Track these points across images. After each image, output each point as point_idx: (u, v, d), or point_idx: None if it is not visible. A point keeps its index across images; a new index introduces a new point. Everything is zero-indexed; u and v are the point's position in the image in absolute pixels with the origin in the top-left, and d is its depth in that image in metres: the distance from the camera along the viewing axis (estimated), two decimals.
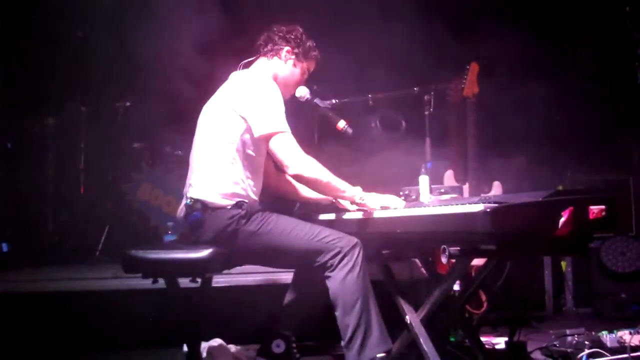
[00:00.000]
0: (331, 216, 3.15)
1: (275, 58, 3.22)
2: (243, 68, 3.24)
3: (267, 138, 2.94)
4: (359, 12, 5.44)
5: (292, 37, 3.23)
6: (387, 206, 2.95)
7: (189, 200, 2.99)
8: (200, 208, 2.94)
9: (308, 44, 3.26)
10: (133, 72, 5.58)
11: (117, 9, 5.26)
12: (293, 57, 3.22)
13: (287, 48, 3.21)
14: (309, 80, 3.38)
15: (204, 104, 3.18)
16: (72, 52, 5.66)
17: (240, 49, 3.40)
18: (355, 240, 2.89)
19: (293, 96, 3.32)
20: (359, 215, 3.01)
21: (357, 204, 3.00)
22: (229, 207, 2.92)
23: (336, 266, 2.84)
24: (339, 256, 2.84)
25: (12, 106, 5.45)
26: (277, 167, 3.17)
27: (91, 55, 5.58)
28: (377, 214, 2.93)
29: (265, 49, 3.24)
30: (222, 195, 2.94)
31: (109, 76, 5.64)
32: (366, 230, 2.95)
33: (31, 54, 5.59)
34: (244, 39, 3.54)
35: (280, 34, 3.23)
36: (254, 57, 3.27)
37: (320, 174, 2.94)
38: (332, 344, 3.63)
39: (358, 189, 3.00)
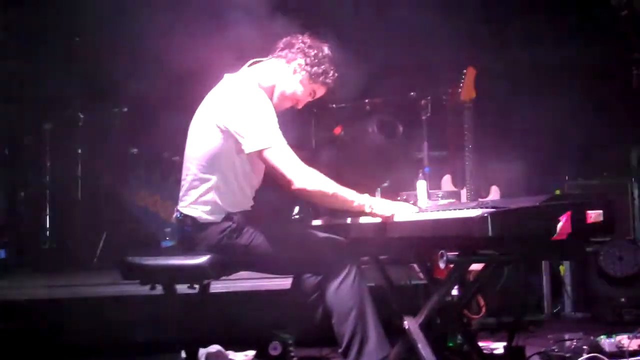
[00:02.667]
0: (327, 221, 3.13)
1: (286, 66, 2.96)
2: (251, 66, 3.02)
3: (260, 155, 2.75)
4: (355, 17, 5.44)
5: (313, 53, 2.94)
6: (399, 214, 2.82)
7: (179, 214, 2.94)
8: (191, 224, 2.88)
9: (325, 67, 2.95)
10: (130, 77, 5.58)
11: (114, 14, 5.26)
12: (303, 73, 2.94)
13: (300, 61, 2.94)
14: None
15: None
16: (69, 57, 5.65)
17: (239, 54, 3.28)
18: (349, 245, 2.85)
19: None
20: (355, 220, 2.97)
21: (368, 214, 2.80)
22: (219, 220, 2.85)
23: (330, 274, 2.78)
24: (333, 264, 2.79)
25: (8, 112, 5.45)
26: None
27: (88, 60, 5.58)
28: (374, 220, 2.91)
29: (280, 52, 2.99)
30: (212, 211, 2.86)
31: (106, 82, 5.64)
32: (363, 235, 2.92)
33: (27, 59, 5.58)
34: (243, 44, 3.51)
35: (302, 45, 2.96)
36: (267, 57, 3.03)
37: (324, 185, 2.75)
38: (330, 351, 3.63)
39: (366, 196, 2.81)
